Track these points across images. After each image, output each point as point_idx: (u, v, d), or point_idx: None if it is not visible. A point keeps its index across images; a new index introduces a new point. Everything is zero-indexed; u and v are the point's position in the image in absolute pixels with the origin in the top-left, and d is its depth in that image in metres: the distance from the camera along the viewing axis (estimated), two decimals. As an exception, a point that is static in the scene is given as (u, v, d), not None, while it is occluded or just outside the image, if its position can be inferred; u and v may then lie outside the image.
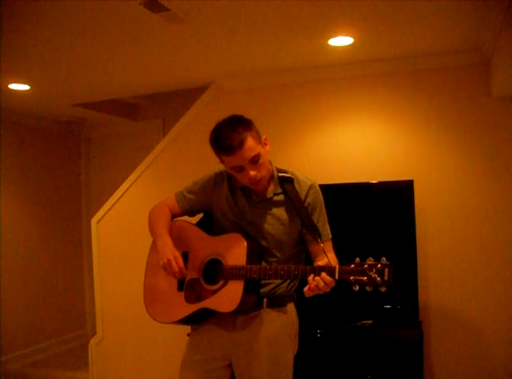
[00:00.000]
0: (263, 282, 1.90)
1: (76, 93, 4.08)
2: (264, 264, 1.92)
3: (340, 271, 1.70)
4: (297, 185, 1.97)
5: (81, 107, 4.49)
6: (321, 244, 1.89)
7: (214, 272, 1.93)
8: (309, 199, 1.96)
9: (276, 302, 1.95)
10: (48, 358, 4.76)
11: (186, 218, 2.12)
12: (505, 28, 2.48)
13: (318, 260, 1.87)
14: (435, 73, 3.31)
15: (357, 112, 3.49)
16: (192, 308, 1.92)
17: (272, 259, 1.95)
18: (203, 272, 1.95)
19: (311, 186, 1.98)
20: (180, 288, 1.98)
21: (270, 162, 1.99)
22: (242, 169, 1.86)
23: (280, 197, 1.97)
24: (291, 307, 2.01)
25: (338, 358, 2.97)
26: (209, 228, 2.07)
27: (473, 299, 3.19)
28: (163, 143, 3.96)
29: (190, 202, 2.10)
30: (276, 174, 1.99)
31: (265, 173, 1.90)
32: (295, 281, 2.00)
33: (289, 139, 3.63)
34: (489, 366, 3.15)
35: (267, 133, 1.97)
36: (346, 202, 3.23)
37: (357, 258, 1.70)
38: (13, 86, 3.68)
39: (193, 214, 2.15)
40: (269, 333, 1.91)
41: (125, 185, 4.01)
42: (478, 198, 3.21)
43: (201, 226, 2.07)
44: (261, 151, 1.87)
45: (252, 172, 1.85)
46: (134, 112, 5.10)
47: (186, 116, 3.90)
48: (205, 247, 1.98)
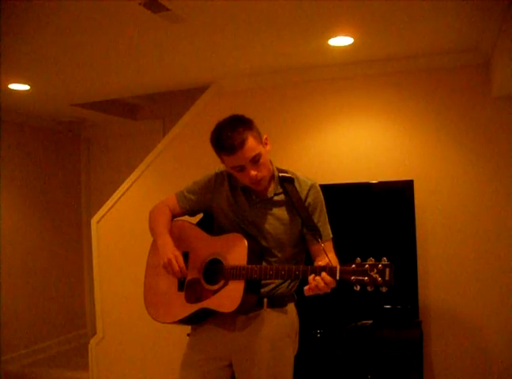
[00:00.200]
0: (263, 282, 1.90)
1: (76, 93, 4.08)
2: (264, 264, 1.92)
3: (341, 271, 1.70)
4: (297, 184, 1.97)
5: (81, 107, 4.48)
6: (322, 244, 1.89)
7: (215, 271, 1.93)
8: (309, 199, 1.96)
9: (277, 302, 1.94)
10: (48, 358, 4.76)
11: (186, 218, 2.12)
12: (505, 28, 2.48)
13: (319, 260, 1.88)
14: (435, 73, 3.31)
15: (357, 112, 3.49)
16: (192, 308, 1.92)
17: (273, 259, 1.95)
18: (203, 272, 1.95)
19: (312, 186, 1.98)
20: (180, 288, 1.98)
21: (271, 162, 1.99)
22: (242, 169, 1.86)
23: (280, 197, 1.97)
24: (292, 307, 2.01)
25: (338, 358, 2.97)
26: (209, 228, 2.07)
27: (473, 299, 3.19)
28: (163, 143, 3.96)
29: (190, 202, 2.10)
30: (276, 173, 1.99)
31: (265, 172, 1.90)
32: (296, 281, 2.00)
33: (289, 139, 3.63)
34: (489, 366, 3.15)
35: (267, 133, 1.97)
36: (346, 202, 3.23)
37: (358, 258, 1.70)
38: (13, 86, 3.68)
39: (193, 214, 2.15)
40: (270, 333, 1.91)
41: (125, 185, 4.01)
42: (478, 198, 3.21)
43: (202, 226, 2.07)
44: (262, 151, 1.87)
45: (253, 172, 1.85)
46: (134, 112, 5.10)
47: (186, 116, 3.90)
48: (205, 247, 1.98)
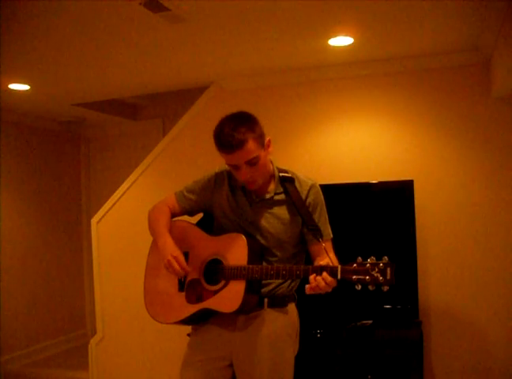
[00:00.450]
0: (264, 282, 1.90)
1: (76, 93, 4.08)
2: (264, 263, 1.92)
3: (342, 270, 1.69)
4: (298, 184, 1.97)
5: (81, 107, 4.49)
6: (323, 243, 1.88)
7: (215, 272, 1.92)
8: (310, 198, 1.96)
9: (277, 302, 1.94)
10: (48, 358, 4.76)
11: (186, 218, 2.12)
12: (505, 28, 2.48)
13: (319, 259, 1.87)
14: (435, 73, 3.31)
15: (357, 112, 3.49)
16: (193, 308, 1.91)
17: (273, 258, 1.94)
18: (204, 272, 1.95)
19: (312, 186, 1.98)
20: (181, 288, 1.97)
21: (271, 162, 1.99)
22: (237, 167, 1.86)
23: (281, 197, 1.96)
24: (292, 307, 2.01)
25: (338, 358, 2.97)
26: (209, 228, 2.07)
27: (473, 299, 3.19)
28: (163, 143, 3.96)
29: (190, 202, 2.09)
30: (277, 173, 1.99)
31: (260, 175, 1.89)
32: (296, 281, 1.99)
33: (289, 139, 3.63)
34: (489, 366, 3.15)
35: (267, 132, 1.96)
36: (346, 202, 3.23)
37: (359, 257, 1.69)
38: (13, 86, 3.68)
39: (192, 214, 2.15)
40: (270, 333, 1.91)
41: (125, 185, 4.01)
42: (478, 198, 3.21)
43: (201, 226, 2.07)
44: (261, 155, 1.86)
45: (245, 173, 1.85)
46: (134, 112, 5.10)
47: (186, 116, 3.90)
48: (205, 247, 1.98)
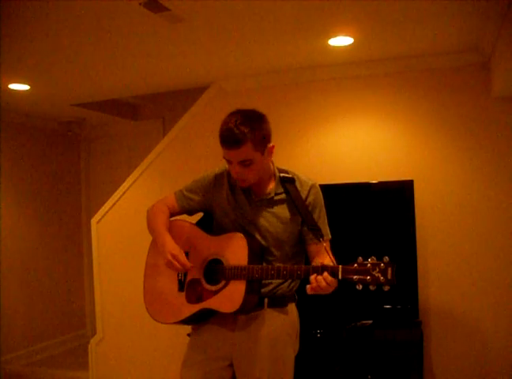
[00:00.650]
0: (264, 282, 1.90)
1: (76, 93, 4.08)
2: (264, 263, 1.92)
3: (343, 270, 1.69)
4: (298, 184, 1.97)
5: (81, 107, 4.49)
6: (324, 243, 1.88)
7: (215, 272, 1.92)
8: (310, 198, 1.96)
9: (277, 302, 1.94)
10: (48, 358, 4.76)
11: (185, 217, 2.12)
12: (505, 28, 2.48)
13: (318, 260, 1.87)
14: (435, 73, 3.31)
15: (357, 112, 3.49)
16: (193, 308, 1.91)
17: (272, 258, 1.94)
18: (204, 272, 1.95)
19: (312, 186, 1.98)
20: (181, 288, 1.97)
21: (272, 162, 1.99)
22: (230, 162, 1.87)
23: (281, 197, 1.96)
24: (292, 307, 2.01)
25: (338, 358, 2.97)
26: (209, 228, 2.07)
27: (473, 299, 3.19)
28: (163, 143, 3.96)
29: (189, 201, 2.09)
30: (277, 174, 1.99)
31: (252, 176, 1.88)
32: (297, 281, 1.99)
33: (289, 139, 3.63)
34: (489, 366, 3.15)
35: (267, 132, 1.96)
36: (346, 202, 3.24)
37: (360, 257, 1.69)
38: (13, 86, 3.68)
39: (191, 213, 2.14)
40: (270, 333, 1.91)
41: (125, 185, 4.01)
42: (478, 198, 3.21)
43: (201, 225, 2.07)
44: (257, 159, 1.84)
45: (236, 171, 1.86)
46: (134, 112, 5.10)
47: (186, 116, 3.90)
48: (205, 247, 1.97)
